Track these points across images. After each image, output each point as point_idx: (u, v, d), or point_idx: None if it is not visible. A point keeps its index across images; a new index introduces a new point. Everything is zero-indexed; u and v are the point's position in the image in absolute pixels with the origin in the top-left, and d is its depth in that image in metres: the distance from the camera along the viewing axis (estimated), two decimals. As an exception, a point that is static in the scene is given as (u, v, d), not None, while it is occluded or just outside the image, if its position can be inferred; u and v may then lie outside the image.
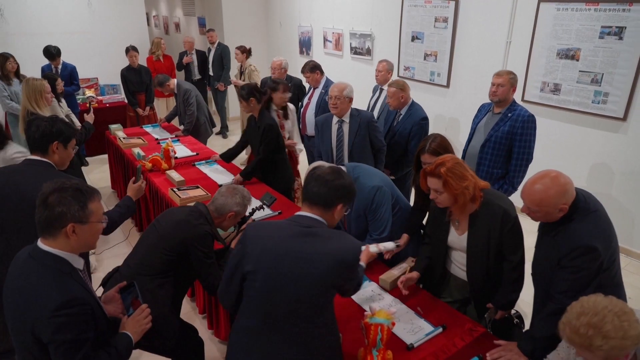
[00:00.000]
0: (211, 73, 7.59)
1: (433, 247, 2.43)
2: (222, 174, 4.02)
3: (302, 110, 4.82)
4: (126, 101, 6.63)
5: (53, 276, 1.50)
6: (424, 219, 2.73)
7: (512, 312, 2.33)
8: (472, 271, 2.27)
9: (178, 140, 4.94)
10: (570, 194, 1.85)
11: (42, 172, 2.28)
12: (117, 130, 5.11)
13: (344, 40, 6.98)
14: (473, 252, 2.22)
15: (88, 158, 6.56)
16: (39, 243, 1.56)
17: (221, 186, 3.64)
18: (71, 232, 1.52)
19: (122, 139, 4.79)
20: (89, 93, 6.81)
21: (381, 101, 4.51)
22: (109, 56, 7.16)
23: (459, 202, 2.07)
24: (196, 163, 4.24)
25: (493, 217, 2.10)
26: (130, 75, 6.32)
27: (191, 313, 3.42)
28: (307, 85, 5.01)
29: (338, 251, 1.65)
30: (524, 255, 2.18)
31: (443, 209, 2.25)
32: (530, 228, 2.26)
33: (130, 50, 6.26)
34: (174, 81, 5.24)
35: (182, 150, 4.59)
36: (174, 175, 3.82)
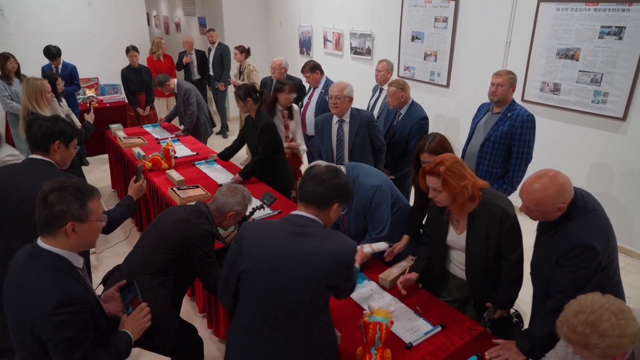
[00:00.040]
0: (211, 73, 7.60)
1: (432, 247, 2.43)
2: (222, 174, 4.03)
3: (302, 110, 4.82)
4: (126, 101, 6.65)
5: (53, 274, 1.50)
6: (424, 219, 2.73)
7: (511, 312, 2.33)
8: (471, 270, 2.28)
9: (178, 139, 4.94)
10: (568, 193, 1.85)
11: (44, 172, 2.28)
12: (118, 130, 5.11)
13: (344, 40, 6.98)
14: (472, 252, 2.22)
15: (88, 158, 6.57)
16: (39, 241, 1.56)
17: (221, 186, 3.68)
18: (71, 231, 1.53)
19: (123, 139, 4.80)
20: (90, 93, 6.82)
21: (381, 101, 4.52)
22: (110, 56, 7.17)
23: (458, 201, 2.08)
24: (196, 162, 4.25)
25: (492, 217, 2.10)
26: (130, 75, 6.33)
27: (191, 312, 3.43)
28: (307, 85, 5.01)
29: (334, 251, 1.64)
30: (523, 254, 2.18)
31: (442, 209, 2.26)
32: (529, 227, 2.27)
33: (130, 50, 6.28)
34: (174, 81, 5.25)
35: (182, 149, 4.60)
36: (174, 174, 3.83)
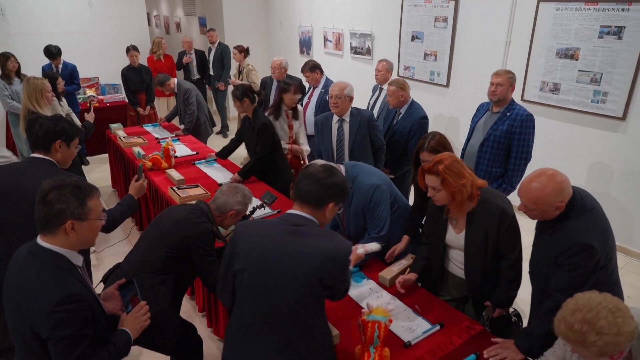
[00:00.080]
0: (212, 73, 7.62)
1: (431, 246, 2.44)
2: (222, 173, 4.04)
3: (302, 109, 4.82)
4: (127, 100, 6.66)
5: (52, 272, 1.51)
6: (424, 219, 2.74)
7: (510, 311, 2.34)
8: (470, 269, 2.28)
9: (178, 139, 4.95)
10: (567, 192, 1.86)
11: (45, 171, 2.29)
12: (118, 129, 5.12)
13: (344, 40, 6.99)
14: (471, 251, 2.23)
15: (89, 157, 6.58)
16: (38, 240, 1.57)
17: (221, 185, 3.69)
18: (70, 229, 1.53)
19: (123, 138, 4.80)
20: (90, 92, 6.83)
21: (381, 100, 4.52)
22: (110, 56, 7.17)
23: (457, 200, 2.08)
24: (196, 162, 4.26)
25: (490, 216, 2.11)
26: (130, 74, 6.34)
27: (191, 311, 3.44)
28: (307, 84, 5.01)
29: (328, 250, 1.63)
30: (522, 253, 2.19)
31: (441, 208, 2.26)
32: (528, 227, 2.27)
33: (130, 49, 6.28)
34: (175, 80, 5.26)
35: (182, 149, 4.60)
36: (174, 174, 3.84)
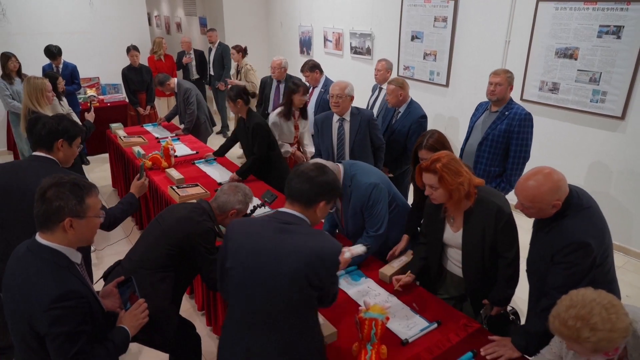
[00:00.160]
0: (212, 73, 7.63)
1: (429, 245, 2.44)
2: (221, 172, 4.05)
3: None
4: (127, 100, 6.67)
5: (51, 269, 1.52)
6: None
7: (508, 309, 2.34)
8: (468, 268, 2.29)
9: (178, 139, 4.96)
10: (563, 191, 1.86)
11: (47, 169, 2.30)
12: (118, 129, 5.13)
13: (344, 39, 7.00)
14: (468, 249, 2.24)
15: (89, 157, 6.59)
16: (37, 237, 1.58)
17: (220, 184, 3.70)
18: (69, 227, 1.54)
19: (123, 138, 4.82)
20: (90, 92, 6.85)
21: (380, 100, 4.53)
22: (110, 56, 7.19)
23: (454, 198, 2.09)
24: (196, 161, 4.27)
25: (487, 214, 2.12)
26: (131, 74, 6.36)
27: (190, 310, 3.45)
28: (307, 84, 5.02)
29: (316, 248, 1.61)
30: (519, 251, 2.19)
31: (438, 207, 2.27)
32: (526, 226, 2.27)
33: (131, 49, 6.30)
34: (175, 80, 5.27)
35: (182, 148, 4.62)
36: (174, 173, 3.85)
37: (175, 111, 5.48)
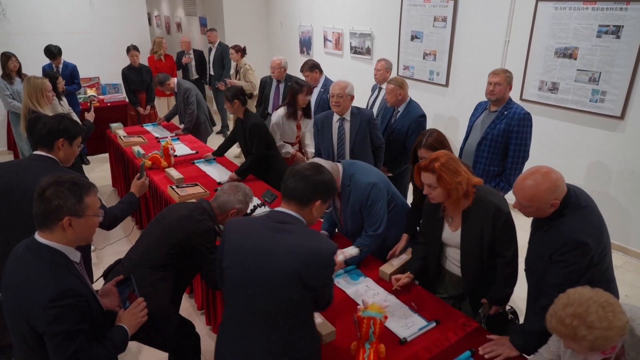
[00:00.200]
0: (212, 73, 7.64)
1: (428, 244, 2.45)
2: (221, 172, 4.06)
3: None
4: (127, 100, 6.68)
5: (49, 268, 1.52)
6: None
7: (507, 308, 2.35)
8: (466, 267, 2.29)
9: (178, 138, 4.97)
10: (561, 190, 1.87)
11: (48, 168, 2.30)
12: (118, 128, 5.14)
13: (344, 39, 7.00)
14: (467, 249, 2.24)
15: (89, 157, 6.60)
16: (36, 236, 1.58)
17: (219, 183, 3.71)
18: (67, 225, 1.55)
19: (123, 138, 4.82)
20: (91, 92, 6.86)
21: (380, 99, 4.53)
22: (110, 56, 7.20)
23: (453, 197, 2.09)
24: (195, 161, 4.27)
25: (486, 213, 2.12)
26: (131, 74, 6.37)
27: (190, 310, 3.45)
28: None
29: (310, 248, 1.61)
30: (517, 250, 2.20)
31: (437, 206, 2.28)
32: (525, 225, 2.28)
33: (131, 49, 6.31)
34: (175, 80, 5.28)
35: (182, 148, 4.62)
36: (174, 173, 3.86)
37: (175, 111, 5.49)
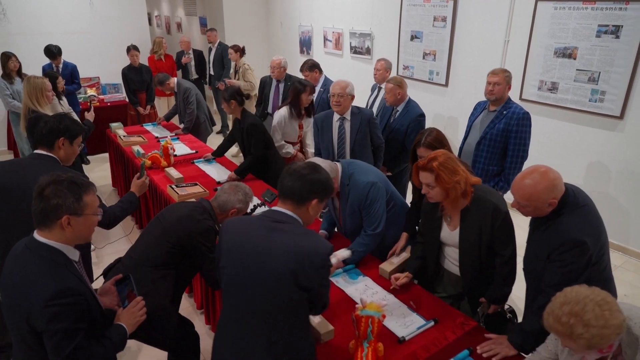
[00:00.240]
0: (212, 72, 7.64)
1: (426, 243, 2.45)
2: (220, 171, 4.06)
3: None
4: (127, 100, 6.69)
5: (48, 267, 1.53)
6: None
7: (505, 307, 2.35)
8: (465, 266, 2.30)
9: (178, 138, 4.98)
10: (559, 189, 1.87)
11: (48, 167, 2.31)
12: (118, 128, 5.15)
13: (344, 39, 7.01)
14: (465, 248, 2.25)
15: (89, 156, 6.61)
16: (35, 234, 1.59)
17: (218, 183, 3.72)
18: (66, 224, 1.55)
19: (123, 137, 4.83)
20: (91, 92, 6.87)
21: (379, 99, 4.54)
22: (110, 55, 7.20)
23: (451, 197, 2.10)
24: (195, 161, 4.28)
25: (484, 212, 2.12)
26: (131, 74, 6.38)
27: (189, 309, 3.46)
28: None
29: (305, 247, 1.60)
30: (516, 249, 2.20)
31: (435, 205, 2.28)
32: (523, 225, 2.28)
33: (131, 49, 6.31)
34: (174, 80, 5.28)
35: (182, 148, 4.63)
36: (173, 172, 3.86)
37: (174, 110, 5.49)
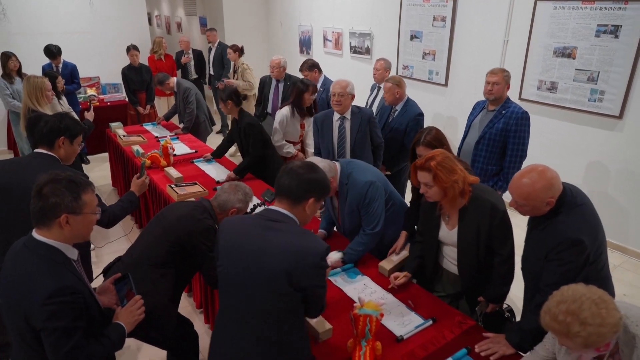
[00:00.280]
0: (212, 72, 7.65)
1: (425, 243, 2.46)
2: (220, 171, 4.07)
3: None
4: (127, 100, 6.69)
5: (47, 265, 1.53)
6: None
7: (504, 307, 2.36)
8: (463, 265, 2.30)
9: (177, 137, 4.98)
10: (557, 188, 1.87)
11: (48, 166, 2.31)
12: (117, 128, 5.15)
13: (344, 39, 7.01)
14: (463, 247, 2.25)
15: (89, 156, 6.61)
16: (34, 233, 1.59)
17: (218, 182, 3.72)
18: (65, 223, 1.56)
19: (122, 137, 4.84)
20: (91, 92, 6.87)
21: (379, 99, 4.54)
22: (110, 55, 7.21)
23: (449, 196, 2.10)
24: (194, 160, 4.28)
25: (482, 212, 2.13)
26: (131, 74, 6.38)
27: (189, 308, 3.46)
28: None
29: (300, 247, 1.59)
30: (514, 248, 2.20)
31: (433, 205, 2.28)
32: (522, 224, 2.28)
33: (131, 49, 6.32)
34: (174, 80, 5.29)
35: (181, 147, 4.63)
36: (173, 172, 3.86)
37: (174, 110, 5.50)
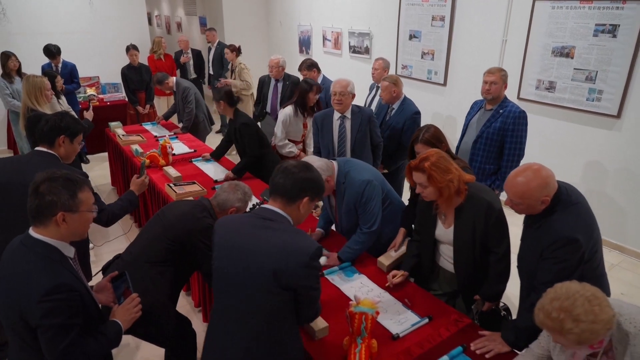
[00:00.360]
0: (211, 72, 7.66)
1: (422, 241, 2.47)
2: (218, 170, 4.08)
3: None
4: (127, 99, 6.70)
5: (43, 263, 1.54)
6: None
7: (500, 305, 2.36)
8: (459, 264, 2.31)
9: (176, 137, 4.99)
10: (552, 187, 1.88)
11: (48, 164, 2.32)
12: (117, 127, 5.16)
13: (343, 39, 7.02)
14: (459, 245, 2.26)
15: (89, 155, 6.62)
16: (31, 231, 1.60)
17: (216, 181, 3.73)
18: (61, 221, 1.57)
19: (122, 136, 4.85)
20: (91, 91, 6.89)
21: (378, 98, 4.55)
22: (110, 55, 7.23)
23: (444, 195, 2.11)
24: (193, 159, 4.29)
25: (478, 210, 2.13)
26: (130, 73, 6.39)
27: (187, 307, 3.47)
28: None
29: (289, 245, 1.59)
30: (510, 247, 2.21)
31: (430, 203, 2.29)
32: (518, 222, 2.29)
33: (130, 49, 6.33)
34: (173, 79, 5.30)
35: (180, 147, 4.64)
36: (171, 171, 3.87)
37: (173, 110, 5.51)
